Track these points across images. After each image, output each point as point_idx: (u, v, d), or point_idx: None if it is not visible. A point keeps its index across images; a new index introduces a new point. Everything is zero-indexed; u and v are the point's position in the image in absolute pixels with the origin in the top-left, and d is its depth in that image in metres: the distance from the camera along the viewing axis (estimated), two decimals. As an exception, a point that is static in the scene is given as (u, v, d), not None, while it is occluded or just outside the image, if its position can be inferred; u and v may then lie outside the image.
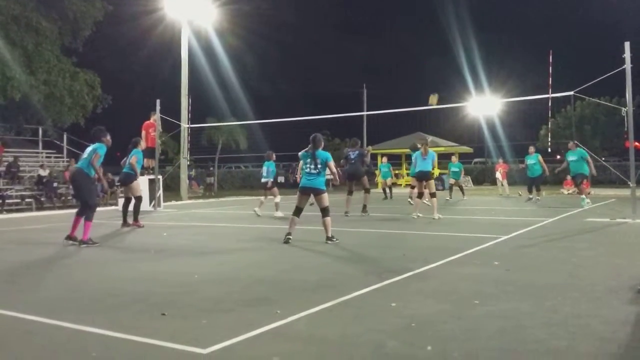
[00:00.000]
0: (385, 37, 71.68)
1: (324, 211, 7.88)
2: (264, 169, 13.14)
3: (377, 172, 24.31)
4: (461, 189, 19.72)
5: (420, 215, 11.50)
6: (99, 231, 9.44)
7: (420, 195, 11.91)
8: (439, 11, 76.92)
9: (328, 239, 7.82)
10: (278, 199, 12.83)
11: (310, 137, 8.11)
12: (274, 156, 13.44)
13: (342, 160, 14.61)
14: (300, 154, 8.32)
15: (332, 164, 8.09)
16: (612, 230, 9.25)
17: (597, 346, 3.31)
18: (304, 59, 70.18)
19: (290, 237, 7.89)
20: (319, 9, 70.83)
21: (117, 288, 5.17)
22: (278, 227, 9.71)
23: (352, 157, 12.64)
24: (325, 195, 7.95)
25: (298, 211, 8.10)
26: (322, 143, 8.20)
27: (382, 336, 3.52)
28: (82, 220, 8.08)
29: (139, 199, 10.86)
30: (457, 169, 19.80)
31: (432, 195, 11.64)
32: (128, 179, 10.93)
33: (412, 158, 12.17)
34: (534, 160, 16.45)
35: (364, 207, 12.49)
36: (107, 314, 4.17)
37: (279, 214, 12.23)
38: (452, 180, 19.70)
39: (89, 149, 8.31)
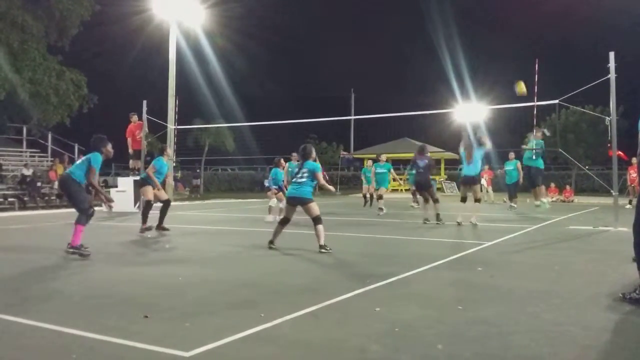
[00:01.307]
0: (374, 42, 71.91)
1: (316, 220, 7.65)
2: (270, 175, 12.77)
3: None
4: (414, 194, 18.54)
5: (476, 222, 11.11)
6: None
7: (479, 200, 11.28)
8: (426, 17, 77.35)
9: (321, 247, 7.55)
10: (273, 202, 12.45)
11: (300, 148, 7.97)
12: (283, 162, 12.87)
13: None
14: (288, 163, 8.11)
15: (319, 175, 7.87)
16: (595, 238, 9.35)
17: (578, 353, 3.34)
18: (293, 62, 70.29)
19: (273, 245, 7.76)
20: (308, 12, 70.96)
21: (99, 290, 5.12)
22: (264, 231, 9.69)
23: (421, 165, 11.94)
24: (313, 205, 7.73)
25: (285, 221, 7.92)
26: (313, 154, 7.99)
27: (366, 341, 3.53)
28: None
29: (148, 203, 10.25)
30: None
31: (477, 200, 11.32)
32: (141, 183, 10.61)
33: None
34: (512, 166, 16.52)
35: (438, 215, 11.64)
36: (89, 316, 4.13)
37: (270, 218, 12.12)
38: (413, 187, 18.44)
39: (82, 158, 7.71)
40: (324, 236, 7.59)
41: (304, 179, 7.74)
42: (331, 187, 8.67)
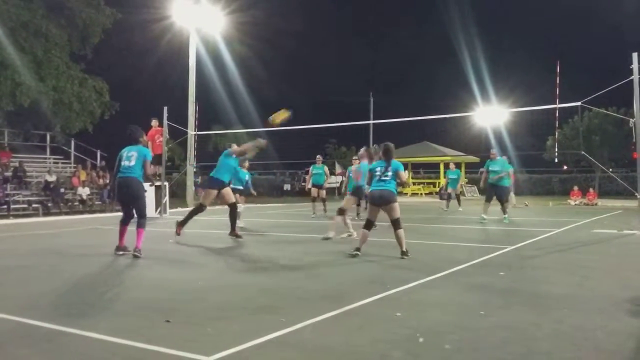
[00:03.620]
0: (392, 46, 71.84)
1: (396, 224, 7.43)
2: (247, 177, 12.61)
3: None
4: (458, 198, 18.77)
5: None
6: (106, 236, 9.45)
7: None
8: (446, 21, 77.03)
9: (403, 253, 7.33)
10: (241, 208, 11.77)
11: (382, 148, 7.76)
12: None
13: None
14: (371, 165, 7.97)
15: (403, 173, 7.72)
16: (620, 241, 9.20)
17: (603, 359, 3.29)
18: (311, 67, 70.39)
19: (359, 252, 7.50)
20: (327, 17, 71.14)
21: (122, 294, 5.18)
22: (281, 235, 9.69)
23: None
24: (397, 205, 7.49)
25: (370, 225, 7.68)
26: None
27: (387, 346, 3.51)
28: (133, 230, 7.47)
29: (200, 206, 9.90)
30: (455, 176, 18.67)
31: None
32: (208, 185, 10.23)
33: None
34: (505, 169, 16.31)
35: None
36: (112, 320, 4.18)
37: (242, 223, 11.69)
38: (450, 190, 18.79)
39: (135, 156, 7.20)
40: (405, 241, 7.39)
41: (388, 178, 7.52)
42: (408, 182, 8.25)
